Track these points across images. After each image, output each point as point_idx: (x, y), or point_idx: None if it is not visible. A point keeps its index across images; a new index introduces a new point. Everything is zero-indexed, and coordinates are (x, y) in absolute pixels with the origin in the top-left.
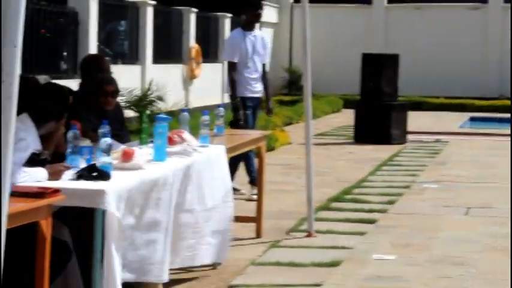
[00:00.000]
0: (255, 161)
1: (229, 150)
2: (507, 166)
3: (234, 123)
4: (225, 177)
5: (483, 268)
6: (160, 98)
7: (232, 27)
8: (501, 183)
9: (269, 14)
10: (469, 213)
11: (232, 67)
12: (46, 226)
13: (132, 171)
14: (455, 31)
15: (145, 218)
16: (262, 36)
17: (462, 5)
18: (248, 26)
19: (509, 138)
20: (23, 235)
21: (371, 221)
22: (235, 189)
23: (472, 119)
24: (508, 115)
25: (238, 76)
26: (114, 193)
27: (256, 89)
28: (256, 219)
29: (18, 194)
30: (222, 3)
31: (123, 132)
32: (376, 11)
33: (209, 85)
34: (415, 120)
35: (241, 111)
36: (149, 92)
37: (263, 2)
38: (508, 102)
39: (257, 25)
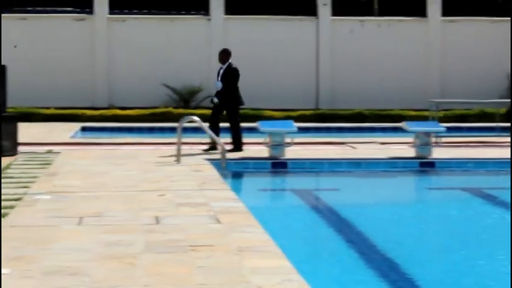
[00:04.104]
0: None
1: None
2: (118, 175)
3: None
4: None
5: (96, 276)
6: None
7: None
8: (112, 192)
9: None
10: (81, 223)
11: None
12: None
13: None
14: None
15: None
16: None
17: (68, 15)
18: None
19: (125, 147)
20: None
21: None
22: None
23: (84, 129)
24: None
25: None
26: None
27: None
28: None
29: None
30: None
31: None
32: None
33: None
34: (26, 131)
35: None
36: None
37: None
38: (117, 111)
39: None
